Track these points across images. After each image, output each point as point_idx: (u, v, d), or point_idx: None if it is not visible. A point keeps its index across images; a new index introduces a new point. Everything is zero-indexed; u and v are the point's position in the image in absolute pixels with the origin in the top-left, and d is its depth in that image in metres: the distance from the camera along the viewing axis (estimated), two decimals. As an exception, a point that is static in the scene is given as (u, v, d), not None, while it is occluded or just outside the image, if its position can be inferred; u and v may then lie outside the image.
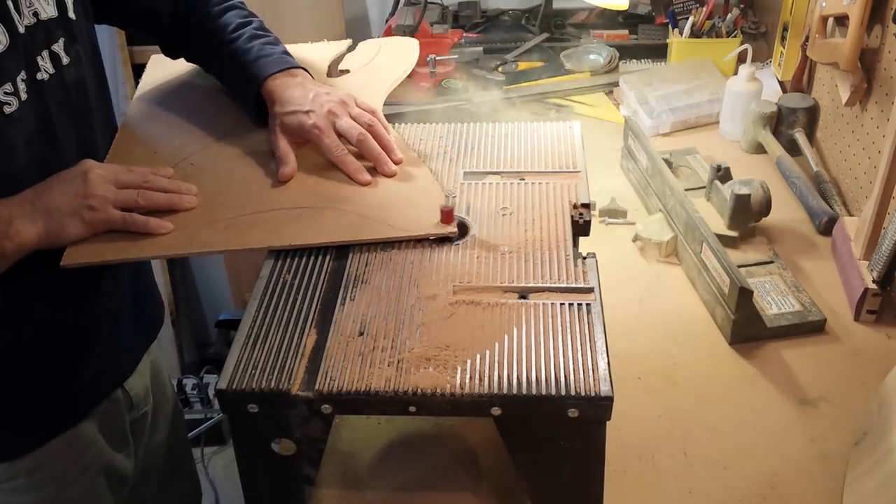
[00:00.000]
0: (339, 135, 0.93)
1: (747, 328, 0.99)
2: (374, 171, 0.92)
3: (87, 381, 0.96)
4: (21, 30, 0.80)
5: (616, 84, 1.66)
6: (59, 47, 0.85)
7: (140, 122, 1.03)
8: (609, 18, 1.89)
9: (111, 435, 1.02)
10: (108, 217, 0.82)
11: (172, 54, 1.08)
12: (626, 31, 1.85)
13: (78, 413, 0.97)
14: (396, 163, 0.93)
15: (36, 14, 0.82)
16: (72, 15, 0.88)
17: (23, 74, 0.80)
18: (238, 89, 1.00)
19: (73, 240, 0.81)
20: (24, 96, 0.80)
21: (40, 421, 0.93)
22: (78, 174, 0.83)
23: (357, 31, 2.19)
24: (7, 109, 0.78)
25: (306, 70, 1.00)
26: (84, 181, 0.82)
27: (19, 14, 0.80)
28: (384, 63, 1.14)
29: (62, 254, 0.81)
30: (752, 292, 0.97)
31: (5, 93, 0.78)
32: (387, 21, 1.85)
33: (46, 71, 0.83)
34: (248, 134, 0.99)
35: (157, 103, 1.06)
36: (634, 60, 1.77)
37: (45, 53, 0.84)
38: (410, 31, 1.71)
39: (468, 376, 0.66)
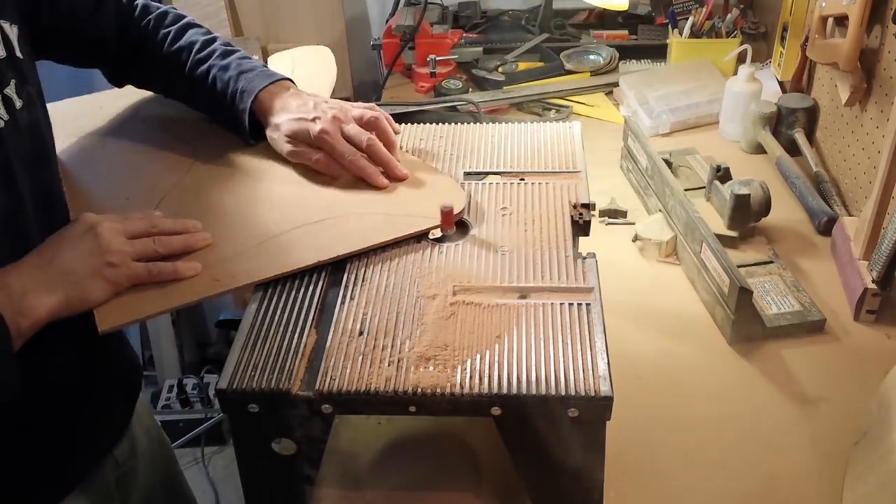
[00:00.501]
0: (348, 140, 0.91)
1: (747, 328, 0.99)
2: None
3: (69, 458, 0.90)
4: None
5: (616, 84, 1.66)
6: (11, 90, 0.77)
7: (84, 171, 0.95)
8: (609, 19, 1.89)
9: (97, 499, 0.96)
10: (131, 272, 0.76)
11: (120, 81, 1.03)
12: (626, 32, 1.85)
13: (62, 489, 0.90)
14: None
15: None
16: (19, 54, 0.80)
17: None
18: (224, 109, 0.96)
19: (98, 303, 0.74)
20: None
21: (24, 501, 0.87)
22: (85, 230, 0.76)
23: (357, 31, 2.19)
24: None
25: (292, 81, 0.98)
26: (95, 237, 0.76)
27: None
28: (301, 78, 1.04)
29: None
30: (751, 292, 0.97)
31: None
32: (387, 21, 1.85)
33: (1, 118, 0.75)
34: (216, 157, 0.96)
35: (92, 145, 0.98)
36: (634, 60, 1.77)
37: None
38: (410, 32, 1.71)
39: (468, 376, 0.66)
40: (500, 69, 1.72)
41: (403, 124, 1.04)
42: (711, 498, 0.81)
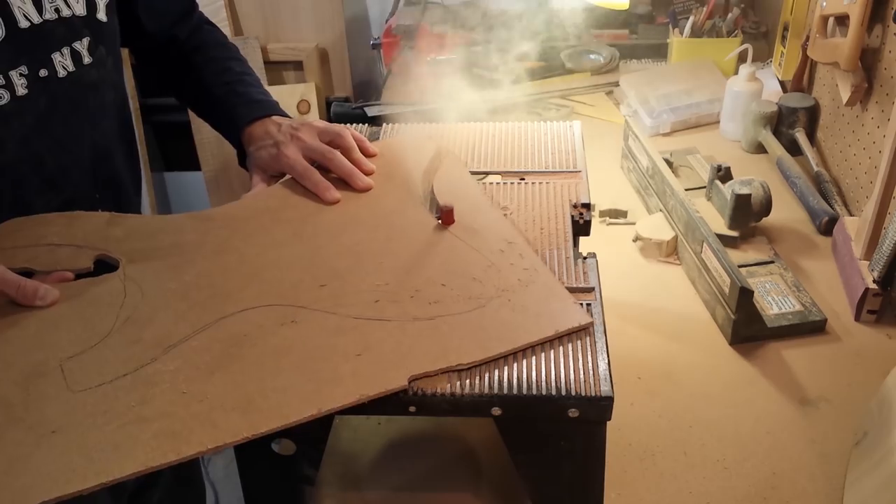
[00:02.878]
0: (309, 158, 0.91)
1: (748, 328, 0.99)
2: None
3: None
4: (24, 24, 0.79)
5: (616, 84, 1.66)
6: (81, 46, 0.85)
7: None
8: (609, 18, 1.89)
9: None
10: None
11: (169, 89, 1.08)
12: (626, 31, 1.85)
13: None
14: (367, 173, 0.90)
15: (58, 10, 0.82)
16: (102, 17, 0.87)
17: (23, 69, 0.79)
18: (229, 132, 1.01)
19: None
20: (21, 91, 0.79)
21: None
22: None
23: (357, 30, 2.19)
24: None
25: (286, 114, 1.00)
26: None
27: (40, 9, 0.80)
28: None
29: None
30: (752, 292, 0.97)
31: (1, 84, 0.78)
32: (387, 21, 1.85)
33: (64, 68, 0.83)
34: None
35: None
36: (634, 60, 1.77)
37: (66, 50, 0.83)
38: (411, 32, 1.71)
39: (468, 376, 0.66)
40: (500, 69, 1.72)
41: (404, 124, 1.04)
42: (711, 498, 0.81)
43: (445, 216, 0.82)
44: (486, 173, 0.93)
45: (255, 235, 0.82)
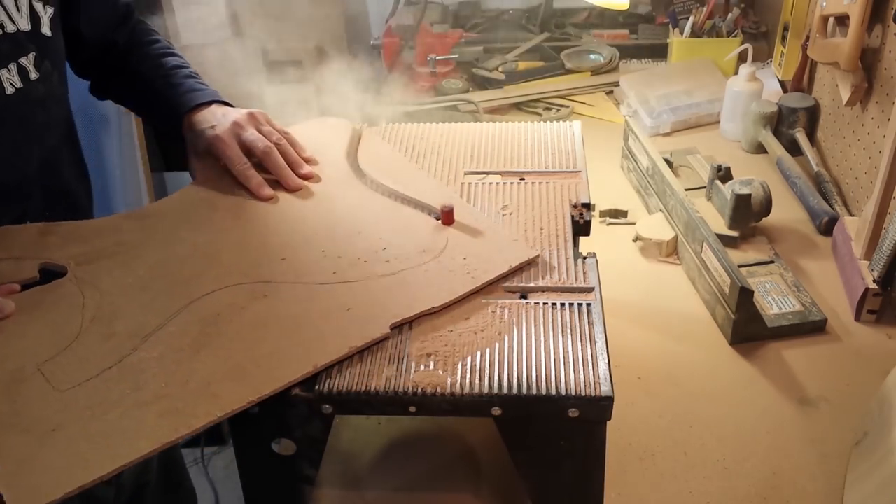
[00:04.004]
0: (245, 148, 0.90)
1: (748, 328, 0.99)
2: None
3: None
4: None
5: (616, 84, 1.66)
6: (27, 61, 0.83)
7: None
8: (609, 18, 1.89)
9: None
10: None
11: (102, 94, 1.07)
12: (626, 31, 1.85)
13: None
14: (304, 178, 0.90)
15: (2, 26, 0.80)
16: (46, 31, 0.86)
17: None
18: (169, 122, 0.97)
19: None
20: None
21: None
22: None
23: (357, 30, 2.19)
24: None
25: (229, 103, 0.98)
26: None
27: None
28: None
29: None
30: (752, 292, 0.96)
31: None
32: (387, 21, 1.85)
33: (12, 84, 0.81)
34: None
35: None
36: (634, 60, 1.77)
37: (13, 66, 0.82)
38: (411, 32, 1.71)
39: (468, 376, 0.66)
40: (500, 69, 1.72)
41: (404, 124, 1.04)
42: (711, 498, 0.81)
43: (445, 216, 0.82)
44: (486, 173, 0.93)
45: (200, 225, 0.83)
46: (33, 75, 0.84)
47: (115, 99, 1.08)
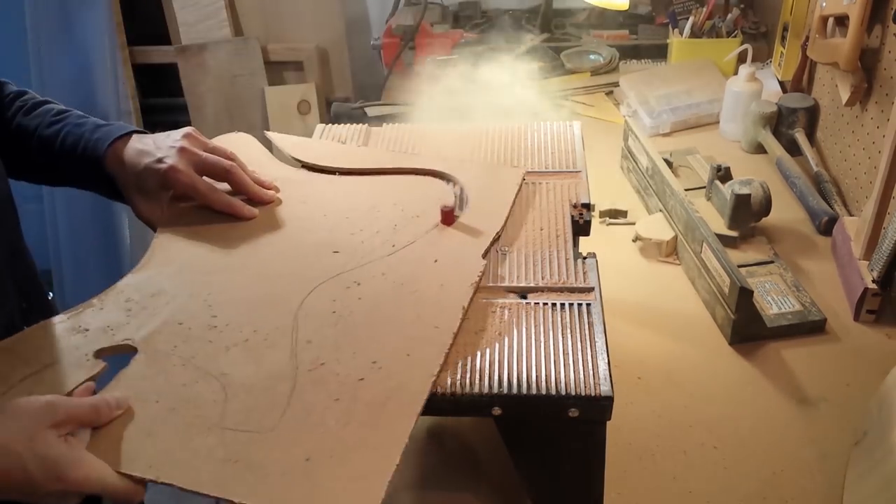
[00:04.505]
0: (202, 173, 0.83)
1: (747, 328, 0.99)
2: None
3: None
4: None
5: (616, 84, 1.66)
6: None
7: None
8: (609, 18, 1.89)
9: None
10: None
11: (16, 172, 0.89)
12: (626, 31, 1.85)
13: None
14: (269, 189, 0.86)
15: None
16: None
17: None
18: (77, 161, 0.84)
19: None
20: None
21: None
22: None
23: (357, 31, 2.19)
24: None
25: (143, 131, 0.87)
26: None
27: None
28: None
29: None
30: (752, 292, 0.97)
31: None
32: (387, 21, 1.85)
33: None
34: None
35: None
36: (634, 60, 1.77)
37: None
38: (411, 31, 1.71)
39: (468, 376, 0.66)
40: (499, 69, 1.72)
41: (403, 124, 1.04)
42: (711, 498, 0.81)
43: (445, 216, 0.82)
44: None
45: (219, 258, 0.79)
46: None
47: (23, 175, 0.90)
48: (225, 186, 0.85)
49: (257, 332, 0.69)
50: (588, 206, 0.86)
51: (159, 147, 0.82)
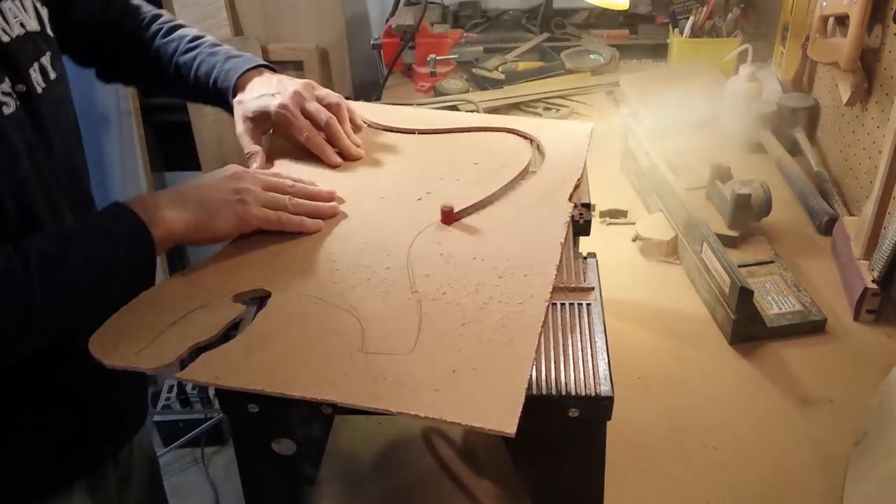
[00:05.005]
0: (307, 117, 0.92)
1: (747, 328, 0.99)
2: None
3: (94, 438, 0.92)
4: (5, 39, 0.76)
5: (616, 84, 1.66)
6: (46, 61, 0.83)
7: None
8: (609, 18, 1.89)
9: (102, 497, 0.97)
10: (260, 213, 0.79)
11: (111, 78, 1.06)
12: (626, 31, 1.85)
13: (79, 471, 0.92)
14: (358, 146, 0.95)
15: (23, 24, 0.79)
16: (50, 32, 0.85)
17: (7, 83, 0.76)
18: (209, 89, 0.98)
19: (222, 232, 0.79)
20: (15, 104, 0.76)
21: (36, 474, 0.87)
22: (228, 172, 0.83)
23: (357, 30, 2.19)
24: (6, 110, 0.75)
25: (274, 69, 1.00)
26: (234, 177, 0.82)
27: (7, 23, 0.77)
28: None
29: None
30: (752, 292, 0.97)
31: (2, 93, 0.75)
32: (387, 21, 1.85)
33: (38, 84, 0.80)
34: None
35: None
36: (635, 60, 1.77)
37: (36, 66, 0.81)
38: (411, 31, 1.71)
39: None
40: (500, 69, 1.72)
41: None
42: (711, 498, 0.81)
43: (445, 216, 0.82)
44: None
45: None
46: (52, 75, 0.84)
47: (126, 81, 1.08)
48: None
49: (376, 273, 0.75)
50: (588, 206, 0.86)
51: (277, 87, 0.93)
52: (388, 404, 0.61)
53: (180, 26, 1.02)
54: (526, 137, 0.97)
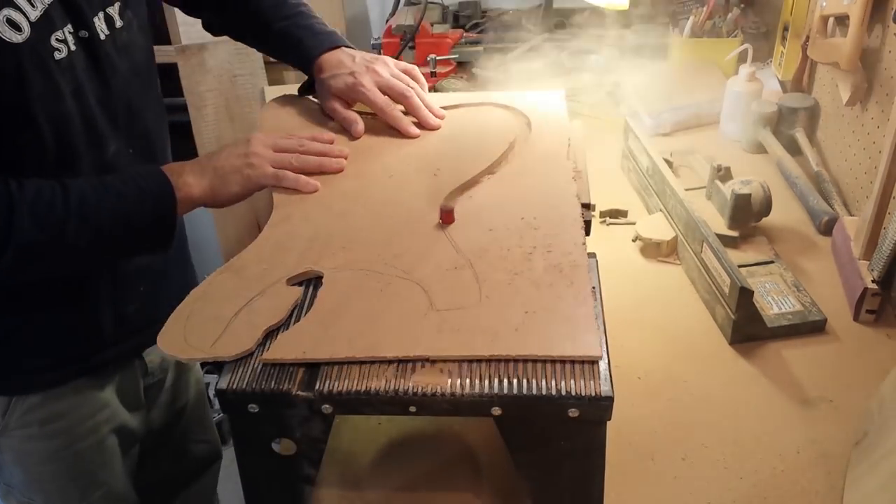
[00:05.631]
0: (384, 91, 1.00)
1: (747, 328, 0.99)
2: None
3: (119, 334, 1.00)
4: None
5: (616, 84, 1.66)
6: (114, 10, 0.90)
7: None
8: (609, 18, 1.89)
9: (126, 398, 1.07)
10: (263, 172, 0.89)
11: (216, 30, 1.16)
12: (626, 31, 1.85)
13: (99, 364, 1.01)
14: (437, 116, 1.01)
15: None
16: None
17: (69, 27, 0.83)
18: (296, 59, 1.07)
19: (233, 196, 0.89)
20: (72, 48, 0.84)
21: (67, 357, 0.98)
22: (243, 139, 0.92)
23: (357, 31, 2.19)
24: (57, 55, 0.82)
25: (352, 46, 1.07)
26: (246, 143, 0.91)
27: None
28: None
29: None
30: (752, 292, 0.97)
31: (57, 39, 0.82)
32: (387, 21, 1.85)
33: (102, 31, 0.88)
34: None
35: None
36: (635, 60, 1.76)
37: (101, 15, 0.88)
38: (411, 31, 1.71)
39: (468, 376, 0.66)
40: (500, 69, 1.72)
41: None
42: (711, 498, 0.81)
43: (445, 216, 0.82)
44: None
45: (346, 200, 0.90)
46: (118, 23, 0.91)
47: (232, 35, 1.15)
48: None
49: (414, 241, 0.80)
50: (588, 206, 0.86)
51: (357, 63, 1.01)
52: (479, 350, 0.66)
53: None
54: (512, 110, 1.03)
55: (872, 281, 1.01)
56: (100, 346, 1.00)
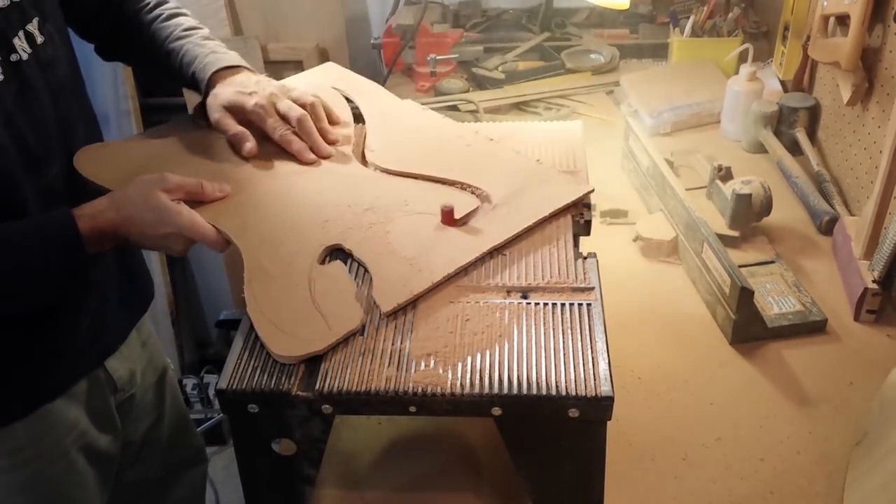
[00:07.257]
0: (281, 116, 0.96)
1: (748, 328, 0.99)
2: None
3: (72, 353, 0.97)
4: None
5: (617, 83, 1.66)
6: (33, 27, 0.87)
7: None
8: (609, 18, 1.89)
9: (96, 417, 1.03)
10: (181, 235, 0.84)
11: (108, 54, 1.11)
12: (626, 31, 1.85)
13: (59, 387, 0.97)
14: (331, 143, 0.97)
15: None
16: None
17: None
18: (188, 75, 1.02)
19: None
20: (0, 77, 0.81)
21: (21, 391, 0.93)
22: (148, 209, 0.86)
23: (357, 30, 2.19)
24: None
25: (251, 70, 1.03)
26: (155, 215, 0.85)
27: None
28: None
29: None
30: (752, 292, 0.96)
31: None
32: (387, 20, 1.85)
33: (24, 51, 0.84)
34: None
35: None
36: (635, 60, 1.76)
37: (21, 34, 0.85)
38: (411, 31, 1.71)
39: (468, 376, 0.66)
40: (500, 69, 1.72)
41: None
42: (711, 498, 0.81)
43: (445, 216, 0.82)
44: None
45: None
46: (39, 39, 0.87)
47: (123, 59, 1.13)
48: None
49: (389, 220, 0.85)
50: (588, 206, 0.86)
51: (255, 86, 0.97)
52: (515, 228, 0.81)
53: (180, 14, 1.06)
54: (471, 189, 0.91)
55: (873, 281, 1.01)
56: (58, 369, 0.96)
